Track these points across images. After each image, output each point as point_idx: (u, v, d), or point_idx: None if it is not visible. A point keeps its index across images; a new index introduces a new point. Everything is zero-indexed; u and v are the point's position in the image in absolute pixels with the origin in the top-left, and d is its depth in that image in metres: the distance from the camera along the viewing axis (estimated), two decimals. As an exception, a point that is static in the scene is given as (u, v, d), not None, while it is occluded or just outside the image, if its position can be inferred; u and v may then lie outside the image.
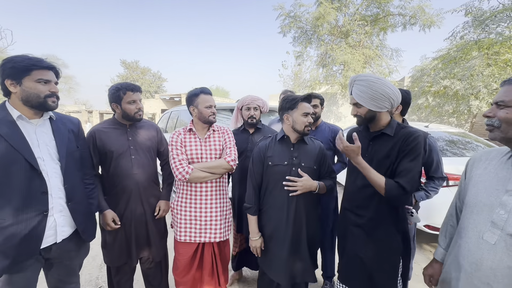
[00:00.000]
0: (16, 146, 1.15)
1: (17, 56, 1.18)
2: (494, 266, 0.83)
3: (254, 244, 1.60)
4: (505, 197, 0.85)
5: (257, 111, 2.10)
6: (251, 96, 2.13)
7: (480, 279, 0.86)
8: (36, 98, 1.19)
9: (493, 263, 0.83)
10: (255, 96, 2.14)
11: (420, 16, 9.05)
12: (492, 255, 0.84)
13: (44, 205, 1.22)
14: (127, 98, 1.63)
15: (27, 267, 1.22)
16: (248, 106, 2.09)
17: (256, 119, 2.09)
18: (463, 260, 0.93)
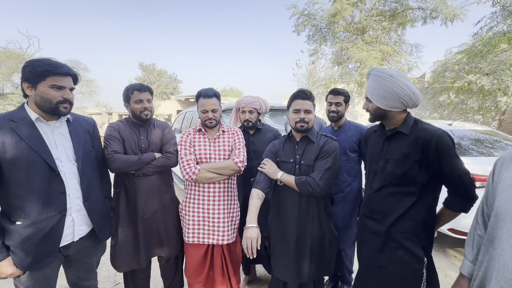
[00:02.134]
0: (35, 147, 1.20)
1: (38, 60, 1.22)
2: None
3: (249, 234, 1.32)
4: None
5: (253, 114, 2.02)
6: (247, 98, 2.05)
7: None
8: (48, 103, 1.21)
9: None
10: (252, 98, 2.06)
11: (442, 9, 8.59)
12: None
13: (63, 205, 1.27)
14: (134, 98, 1.66)
15: (47, 265, 1.27)
16: (243, 110, 2.03)
17: (252, 123, 2.03)
18: (498, 275, 0.83)
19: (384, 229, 1.24)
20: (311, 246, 1.54)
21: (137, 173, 1.65)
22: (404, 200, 1.19)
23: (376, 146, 1.33)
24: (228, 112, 3.42)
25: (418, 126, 1.21)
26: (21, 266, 1.19)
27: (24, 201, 1.18)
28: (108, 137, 1.63)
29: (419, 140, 1.16)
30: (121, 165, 1.57)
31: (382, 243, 1.24)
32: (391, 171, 1.22)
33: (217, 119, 1.73)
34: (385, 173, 1.25)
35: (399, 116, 1.25)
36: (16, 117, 1.21)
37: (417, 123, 1.24)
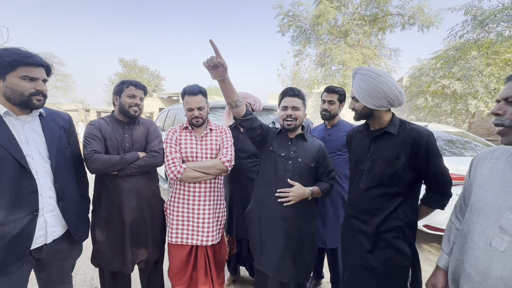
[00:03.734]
0: (3, 143, 1.11)
1: (5, 50, 1.12)
2: (504, 275, 0.76)
3: None
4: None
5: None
6: (241, 92, 2.05)
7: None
8: (19, 95, 1.13)
9: (503, 272, 0.77)
10: (246, 93, 2.07)
11: (419, 16, 9.04)
12: (502, 263, 0.77)
13: (34, 204, 1.18)
14: (128, 92, 1.60)
15: (16, 269, 1.17)
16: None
17: None
18: (470, 268, 0.87)
19: (373, 229, 1.26)
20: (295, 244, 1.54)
21: (120, 174, 1.57)
22: (393, 200, 1.21)
23: (362, 146, 1.35)
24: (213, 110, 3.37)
25: (406, 127, 1.24)
26: (-14, 272, 1.09)
27: (-8, 200, 1.09)
28: (87, 135, 1.54)
29: (408, 140, 1.19)
30: (101, 166, 1.49)
31: (372, 243, 1.25)
32: (380, 172, 1.23)
33: (203, 117, 1.69)
34: (373, 173, 1.26)
35: (385, 116, 1.28)
36: (-20, 111, 1.11)
37: (404, 123, 1.26)
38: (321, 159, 1.57)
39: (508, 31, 2.87)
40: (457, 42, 4.09)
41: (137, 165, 1.61)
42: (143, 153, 1.67)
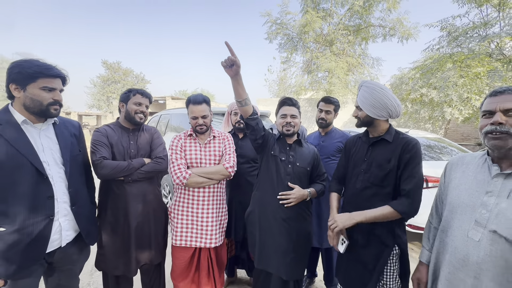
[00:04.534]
0: (22, 150, 1.15)
1: (27, 61, 1.18)
2: (479, 260, 0.91)
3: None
4: (485, 198, 0.95)
5: None
6: None
7: (467, 273, 0.95)
8: (38, 105, 1.19)
9: (478, 258, 0.92)
10: None
11: (398, 28, 9.61)
12: (477, 251, 0.92)
13: (51, 209, 1.22)
14: (135, 99, 1.67)
15: (32, 273, 1.21)
16: (236, 111, 2.12)
17: (243, 124, 2.10)
18: (451, 256, 1.01)
19: (368, 227, 1.39)
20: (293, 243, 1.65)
21: (127, 179, 1.63)
22: (384, 200, 1.35)
23: (360, 151, 1.50)
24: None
25: (400, 136, 1.41)
26: (5, 275, 1.12)
27: (9, 206, 1.13)
28: (95, 142, 1.59)
29: (399, 146, 1.35)
30: (110, 172, 1.54)
31: (367, 240, 1.39)
32: (375, 173, 1.38)
33: (207, 125, 1.78)
34: (368, 174, 1.41)
35: (384, 125, 1.43)
36: (1, 119, 1.16)
37: (398, 133, 1.43)
38: (315, 163, 1.73)
39: (478, 47, 3.21)
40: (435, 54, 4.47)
41: (143, 170, 1.67)
42: (148, 159, 1.74)
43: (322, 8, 11.21)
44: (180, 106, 17.28)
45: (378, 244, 1.39)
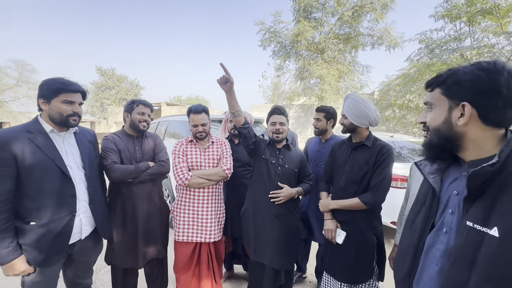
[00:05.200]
0: (50, 155, 1.35)
1: (52, 79, 1.39)
2: None
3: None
4: None
5: None
6: None
7: None
8: (60, 116, 1.39)
9: None
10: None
11: (386, 38, 10.08)
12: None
13: (73, 206, 1.42)
14: (138, 110, 1.87)
15: (56, 262, 1.40)
16: (231, 120, 2.31)
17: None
18: None
19: (350, 219, 1.65)
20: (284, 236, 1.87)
21: (134, 181, 1.82)
22: (360, 193, 1.62)
23: (344, 154, 1.75)
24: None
25: (377, 142, 1.67)
26: (35, 263, 1.31)
27: (39, 203, 1.32)
28: (105, 148, 1.78)
29: (376, 150, 1.62)
30: (120, 174, 1.74)
31: (349, 230, 1.64)
32: (356, 173, 1.65)
33: (206, 132, 2.00)
34: (350, 174, 1.67)
35: (364, 132, 1.70)
36: (32, 128, 1.36)
37: (376, 139, 1.69)
38: (302, 165, 1.95)
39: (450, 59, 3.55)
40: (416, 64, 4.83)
41: (148, 173, 1.87)
42: (152, 163, 1.94)
43: (313, 17, 11.66)
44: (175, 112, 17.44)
45: (360, 234, 1.63)
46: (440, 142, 0.76)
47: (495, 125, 0.68)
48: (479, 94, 0.67)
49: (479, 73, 0.67)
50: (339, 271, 1.71)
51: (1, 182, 1.23)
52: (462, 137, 0.71)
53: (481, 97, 0.66)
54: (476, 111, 0.67)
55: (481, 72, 0.67)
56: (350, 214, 1.67)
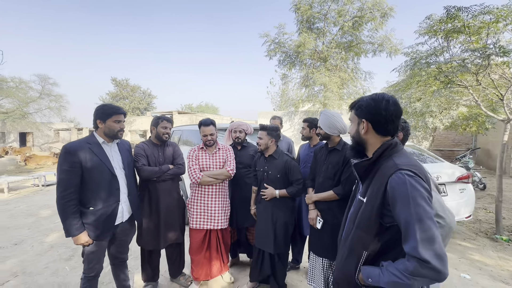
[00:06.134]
0: (103, 160, 1.89)
1: (105, 105, 1.94)
2: None
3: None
4: None
5: (242, 133, 2.77)
6: (237, 122, 2.87)
7: None
8: (112, 131, 1.94)
9: None
10: (241, 122, 2.88)
11: (386, 45, 10.44)
12: None
13: (118, 197, 1.95)
14: (162, 125, 2.40)
15: (106, 237, 1.92)
16: (235, 130, 2.81)
17: (241, 139, 2.75)
18: None
19: (327, 207, 2.12)
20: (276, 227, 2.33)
21: (158, 180, 2.35)
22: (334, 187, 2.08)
23: (322, 156, 2.24)
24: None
25: (346, 146, 2.14)
26: (94, 236, 1.83)
27: (95, 194, 1.85)
28: (137, 154, 2.32)
29: (344, 152, 2.08)
30: (148, 174, 2.27)
31: (326, 216, 2.10)
32: (330, 171, 2.11)
33: (214, 140, 2.51)
34: (326, 172, 2.14)
35: (336, 139, 2.18)
36: (90, 141, 1.90)
37: (346, 144, 2.14)
38: (286, 171, 2.36)
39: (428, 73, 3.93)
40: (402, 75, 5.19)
41: (169, 173, 2.39)
42: (172, 166, 2.46)
43: (316, 27, 12.17)
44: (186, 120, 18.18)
45: (334, 219, 2.08)
46: (354, 145, 1.22)
47: (382, 134, 1.13)
48: (370, 114, 1.12)
49: (371, 101, 1.13)
50: (320, 250, 2.16)
51: (72, 178, 1.77)
52: (365, 142, 1.17)
53: (371, 116, 1.12)
54: (371, 125, 1.13)
55: (371, 100, 1.13)
56: (327, 203, 2.12)
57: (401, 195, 0.94)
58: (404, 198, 0.93)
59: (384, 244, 1.03)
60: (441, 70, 3.53)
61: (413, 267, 0.88)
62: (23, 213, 5.22)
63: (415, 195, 0.92)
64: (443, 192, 3.62)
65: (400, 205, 0.93)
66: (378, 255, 1.04)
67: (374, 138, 1.14)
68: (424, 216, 0.89)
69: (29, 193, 7.27)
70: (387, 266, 0.97)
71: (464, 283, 2.71)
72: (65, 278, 2.78)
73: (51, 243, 3.72)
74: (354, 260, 1.08)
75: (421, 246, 0.86)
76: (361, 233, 1.07)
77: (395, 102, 1.11)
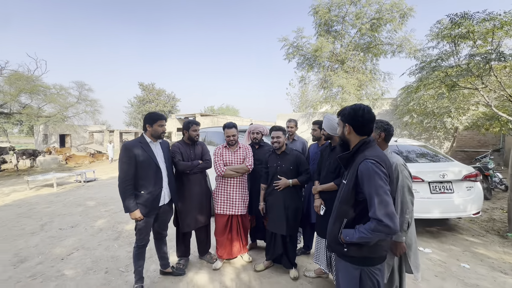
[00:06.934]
0: (150, 155, 2.45)
1: (153, 113, 2.50)
2: None
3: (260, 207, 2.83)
4: None
5: (259, 134, 3.25)
6: (255, 125, 3.34)
7: None
8: (157, 133, 2.50)
9: None
10: (258, 125, 3.35)
11: (405, 45, 10.37)
12: None
13: (161, 184, 2.50)
14: (193, 128, 2.93)
15: (153, 215, 2.48)
16: (253, 132, 3.28)
17: (258, 140, 3.23)
18: None
19: (329, 196, 2.48)
20: (288, 212, 2.76)
21: (191, 172, 2.88)
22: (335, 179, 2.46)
23: (327, 154, 2.62)
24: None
25: None
26: (144, 213, 2.39)
27: (145, 181, 2.41)
28: (174, 151, 2.87)
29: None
30: (182, 167, 2.81)
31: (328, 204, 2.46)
32: (332, 166, 2.49)
33: (235, 140, 3.00)
34: (329, 167, 2.53)
35: (337, 139, 2.55)
36: (141, 140, 2.47)
37: None
38: (297, 163, 2.81)
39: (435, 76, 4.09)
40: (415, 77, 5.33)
41: (199, 167, 2.92)
42: (200, 161, 2.98)
43: (334, 29, 12.35)
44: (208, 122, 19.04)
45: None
46: (341, 142, 1.64)
47: (360, 134, 1.54)
48: (351, 120, 1.53)
49: (351, 110, 1.54)
50: (323, 232, 2.55)
51: (129, 168, 2.34)
52: (349, 140, 1.58)
53: (351, 121, 1.53)
54: (352, 128, 1.54)
55: (352, 110, 1.54)
56: (329, 193, 2.51)
57: (365, 176, 1.34)
58: (367, 178, 1.34)
59: (358, 213, 1.44)
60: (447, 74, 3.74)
61: (373, 226, 1.28)
62: (73, 204, 6.09)
63: (374, 176, 1.32)
64: (449, 189, 3.82)
65: (365, 183, 1.34)
66: (354, 221, 1.45)
67: (354, 137, 1.55)
68: (380, 190, 1.29)
69: (73, 188, 8.28)
70: (358, 227, 1.38)
71: (462, 271, 2.95)
72: (115, 252, 3.42)
73: (100, 227, 4.43)
74: (338, 225, 1.50)
75: (377, 210, 1.27)
76: (342, 205, 1.48)
77: (369, 110, 1.52)
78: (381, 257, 1.43)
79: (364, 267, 1.40)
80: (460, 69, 3.48)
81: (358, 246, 1.39)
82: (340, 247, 1.46)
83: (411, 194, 1.82)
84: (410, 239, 1.89)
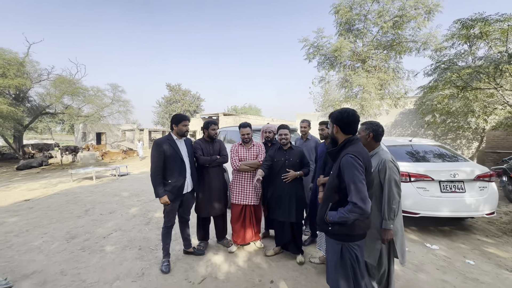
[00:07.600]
0: (176, 150, 2.90)
1: (178, 114, 2.96)
2: None
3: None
4: None
5: (271, 133, 3.59)
6: (267, 125, 3.68)
7: None
8: (181, 132, 2.95)
9: None
10: (271, 125, 3.68)
11: (430, 42, 10.00)
12: None
13: (185, 175, 2.95)
14: (211, 127, 3.35)
15: (178, 200, 2.94)
16: (265, 131, 3.63)
17: (270, 138, 3.58)
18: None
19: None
20: (296, 201, 3.08)
21: (210, 166, 3.30)
22: None
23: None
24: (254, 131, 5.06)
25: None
26: (171, 199, 2.85)
27: (172, 172, 2.87)
28: (196, 147, 3.31)
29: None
30: (203, 161, 3.24)
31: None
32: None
33: (250, 138, 3.37)
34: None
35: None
36: (169, 138, 2.94)
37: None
38: (301, 157, 3.12)
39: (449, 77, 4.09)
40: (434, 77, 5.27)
41: (217, 162, 3.33)
42: (218, 156, 3.39)
43: (356, 28, 12.24)
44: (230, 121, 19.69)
45: None
46: (331, 140, 1.93)
47: (346, 133, 1.83)
48: (338, 121, 1.83)
49: (338, 113, 1.84)
50: None
51: (159, 162, 2.81)
52: (337, 138, 1.88)
53: (338, 122, 1.83)
54: (339, 128, 1.84)
55: (339, 113, 1.83)
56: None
57: (345, 168, 1.64)
58: (347, 169, 1.63)
59: (341, 198, 1.73)
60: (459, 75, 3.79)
61: (350, 208, 1.58)
62: (110, 194, 6.88)
63: (352, 168, 1.61)
64: (460, 189, 3.86)
65: (345, 173, 1.64)
66: (338, 205, 1.74)
67: (341, 136, 1.84)
68: (356, 179, 1.58)
69: (109, 181, 9.21)
70: (340, 210, 1.68)
71: (466, 266, 3.06)
72: (146, 234, 3.97)
73: (133, 213, 5.06)
74: (325, 208, 1.80)
75: (354, 195, 1.56)
76: (328, 191, 1.79)
77: (354, 113, 1.81)
78: (359, 235, 1.71)
79: (344, 242, 1.70)
80: (471, 71, 3.53)
81: (340, 225, 1.69)
82: (326, 226, 1.77)
83: (397, 187, 2.06)
84: (396, 227, 2.13)
